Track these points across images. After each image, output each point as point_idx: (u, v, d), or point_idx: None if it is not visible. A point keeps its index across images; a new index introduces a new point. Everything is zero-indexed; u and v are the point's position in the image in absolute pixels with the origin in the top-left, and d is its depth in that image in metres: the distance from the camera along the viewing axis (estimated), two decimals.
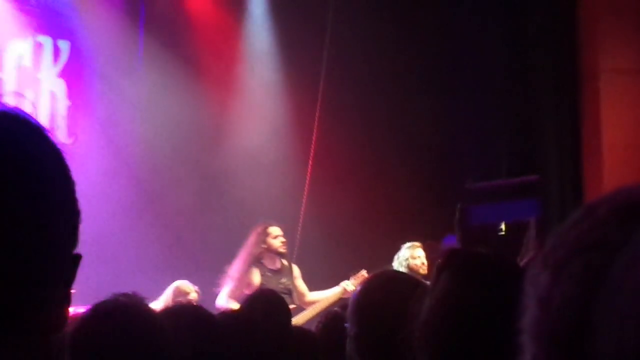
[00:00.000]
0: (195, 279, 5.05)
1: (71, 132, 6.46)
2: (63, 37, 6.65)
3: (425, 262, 5.68)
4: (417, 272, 5.51)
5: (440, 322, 0.92)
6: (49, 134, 0.71)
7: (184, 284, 5.26)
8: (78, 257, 0.71)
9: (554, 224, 5.42)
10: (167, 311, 2.57)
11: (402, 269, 5.38)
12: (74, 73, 6.65)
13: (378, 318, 1.33)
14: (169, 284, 4.83)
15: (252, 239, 5.40)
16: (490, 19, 6.77)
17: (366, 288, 1.62)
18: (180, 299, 4.98)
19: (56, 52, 6.63)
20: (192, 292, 5.18)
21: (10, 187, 0.66)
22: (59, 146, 0.70)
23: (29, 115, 0.70)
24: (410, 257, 5.69)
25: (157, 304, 4.37)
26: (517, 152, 6.60)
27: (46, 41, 6.59)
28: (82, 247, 0.69)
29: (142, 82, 6.64)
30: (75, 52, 6.68)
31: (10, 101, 0.71)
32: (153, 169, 6.32)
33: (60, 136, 6.00)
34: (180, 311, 2.34)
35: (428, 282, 1.70)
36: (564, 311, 0.34)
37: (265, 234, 5.45)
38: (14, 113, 0.70)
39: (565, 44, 6.23)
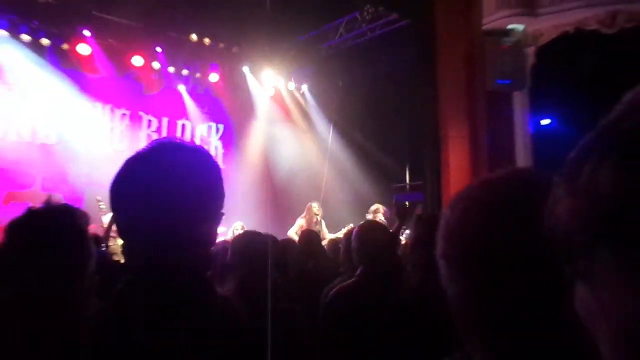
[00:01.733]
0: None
1: (223, 162, 11.93)
2: (220, 122, 12.22)
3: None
4: None
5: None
6: (216, 161, 1.21)
7: (239, 224, 8.54)
8: (222, 214, 1.19)
9: (429, 203, 10.90)
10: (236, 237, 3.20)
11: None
12: (226, 138, 12.21)
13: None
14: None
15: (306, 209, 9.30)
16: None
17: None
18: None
19: (217, 129, 12.24)
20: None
21: (214, 183, 1.16)
22: (219, 167, 1.19)
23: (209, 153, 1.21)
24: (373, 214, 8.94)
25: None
26: (414, 169, 11.19)
27: (212, 125, 12.16)
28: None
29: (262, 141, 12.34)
30: (226, 130, 12.34)
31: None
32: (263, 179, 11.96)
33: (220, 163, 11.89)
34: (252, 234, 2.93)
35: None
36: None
37: (311, 207, 9.17)
38: (206, 151, 1.19)
39: (434, 117, 10.21)
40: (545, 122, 11.71)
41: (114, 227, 6.32)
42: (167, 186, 1.09)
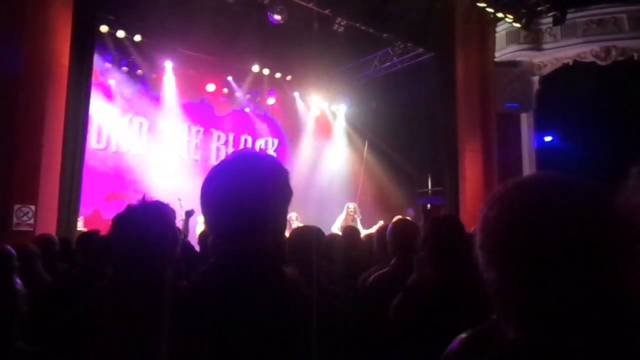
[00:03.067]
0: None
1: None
2: (275, 137, 12.39)
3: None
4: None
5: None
6: (284, 167, 1.18)
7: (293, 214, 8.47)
8: (287, 210, 1.20)
9: (447, 206, 10.76)
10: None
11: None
12: (280, 151, 12.26)
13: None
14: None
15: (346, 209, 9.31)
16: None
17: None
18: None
19: (273, 143, 12.35)
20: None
21: (281, 183, 1.16)
22: (287, 171, 1.19)
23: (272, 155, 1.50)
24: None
25: None
26: (435, 177, 11.24)
27: (269, 139, 12.31)
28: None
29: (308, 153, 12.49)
30: (280, 144, 12.42)
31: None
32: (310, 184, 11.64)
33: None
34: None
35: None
36: None
37: (349, 207, 9.20)
38: (277, 159, 1.22)
39: (452, 134, 10.07)
40: (547, 138, 11.45)
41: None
42: (245, 187, 1.11)
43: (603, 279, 0.70)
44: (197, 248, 4.54)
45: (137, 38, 9.23)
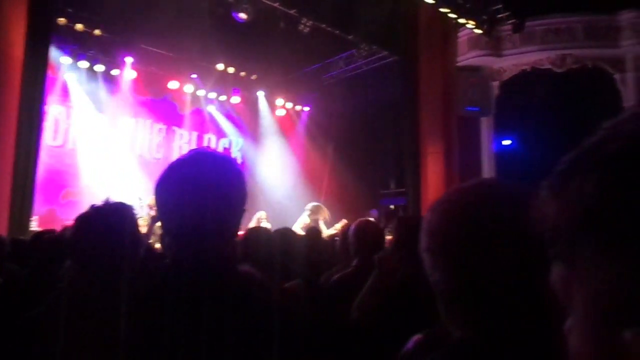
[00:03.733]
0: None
1: None
2: (239, 137, 12.22)
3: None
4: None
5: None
6: (241, 167, 1.48)
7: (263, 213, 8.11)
8: (244, 210, 1.14)
9: (409, 207, 10.93)
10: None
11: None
12: (244, 151, 12.47)
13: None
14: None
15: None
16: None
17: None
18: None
19: (237, 143, 12.21)
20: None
21: (238, 183, 1.14)
22: (243, 172, 1.18)
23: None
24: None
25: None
26: (397, 178, 11.33)
27: (233, 139, 12.12)
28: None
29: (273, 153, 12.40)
30: (244, 144, 12.43)
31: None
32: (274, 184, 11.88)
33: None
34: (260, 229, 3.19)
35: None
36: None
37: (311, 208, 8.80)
38: (234, 159, 1.30)
39: (415, 136, 10.20)
40: (506, 142, 11.77)
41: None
42: (201, 186, 1.09)
43: (530, 281, 0.72)
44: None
45: (97, 32, 8.96)
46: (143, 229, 7.77)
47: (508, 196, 0.82)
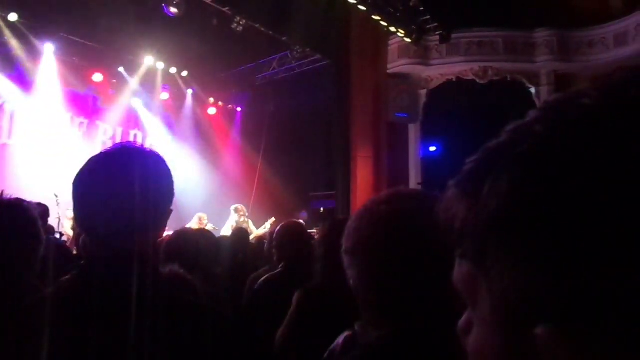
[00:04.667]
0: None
1: None
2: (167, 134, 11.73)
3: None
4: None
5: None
6: (168, 165, 1.13)
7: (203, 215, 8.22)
8: (171, 210, 1.12)
9: (338, 210, 11.10)
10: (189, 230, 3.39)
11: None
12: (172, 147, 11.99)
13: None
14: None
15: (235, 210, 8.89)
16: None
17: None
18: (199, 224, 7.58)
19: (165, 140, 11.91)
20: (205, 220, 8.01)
21: (165, 182, 1.10)
22: (170, 170, 1.13)
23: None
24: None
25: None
26: (328, 181, 11.34)
27: (161, 136, 11.48)
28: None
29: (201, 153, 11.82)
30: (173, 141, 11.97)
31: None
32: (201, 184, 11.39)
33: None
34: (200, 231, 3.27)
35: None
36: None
37: (237, 209, 8.68)
38: (161, 156, 1.14)
39: (346, 140, 10.53)
40: (432, 148, 12.24)
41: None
42: (123, 183, 1.03)
43: (436, 281, 0.74)
44: None
45: (13, 17, 8.36)
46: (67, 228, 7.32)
47: (418, 200, 0.88)
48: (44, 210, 5.22)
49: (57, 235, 6.67)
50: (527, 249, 0.34)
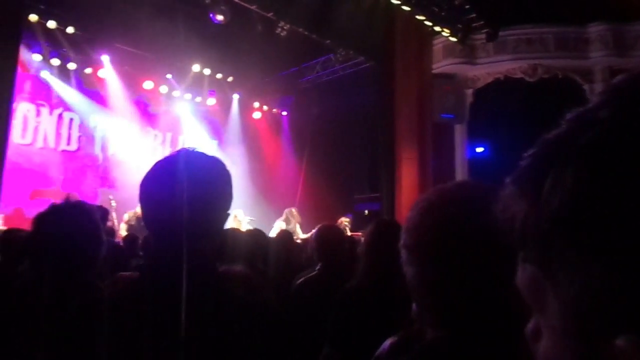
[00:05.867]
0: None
1: None
2: (214, 139, 12.11)
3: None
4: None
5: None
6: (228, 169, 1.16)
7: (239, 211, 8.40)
8: (228, 214, 1.16)
9: (384, 212, 11.02)
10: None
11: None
12: (219, 151, 12.17)
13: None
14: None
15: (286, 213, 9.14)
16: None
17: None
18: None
19: (212, 145, 12.28)
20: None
21: (224, 185, 1.14)
22: (230, 174, 1.16)
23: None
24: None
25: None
26: (372, 183, 11.35)
27: (208, 140, 11.92)
28: None
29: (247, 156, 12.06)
30: (219, 145, 12.46)
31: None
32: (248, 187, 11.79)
33: None
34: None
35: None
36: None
37: (287, 212, 9.11)
38: (221, 161, 1.17)
39: (390, 142, 10.44)
40: (479, 149, 11.97)
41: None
42: (186, 187, 1.07)
43: (500, 282, 0.71)
44: None
45: (70, 30, 8.83)
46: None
47: (484, 197, 0.79)
48: (104, 213, 5.56)
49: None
50: (603, 248, 0.30)
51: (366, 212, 11.46)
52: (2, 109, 5.98)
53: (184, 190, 1.07)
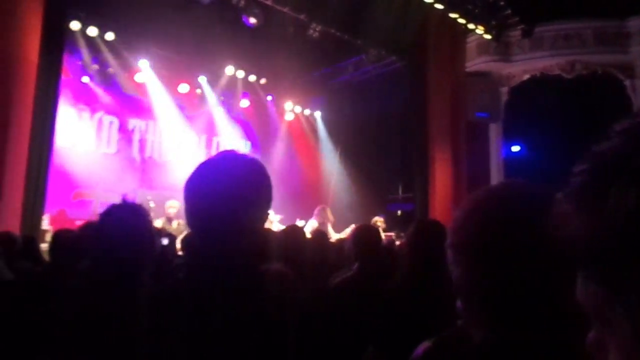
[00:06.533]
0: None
1: None
2: (248, 140, 12.40)
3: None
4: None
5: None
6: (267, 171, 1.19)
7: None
8: (268, 213, 1.23)
9: (418, 212, 10.93)
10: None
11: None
12: (252, 152, 12.10)
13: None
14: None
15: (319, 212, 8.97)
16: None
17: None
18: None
19: (245, 146, 12.30)
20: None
21: (264, 187, 1.18)
22: (269, 176, 1.20)
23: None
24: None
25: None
26: (405, 183, 11.26)
27: (242, 141, 12.13)
28: None
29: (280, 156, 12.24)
30: (253, 146, 12.28)
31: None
32: (281, 187, 11.84)
33: None
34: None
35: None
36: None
37: (324, 210, 8.98)
38: (261, 163, 1.22)
39: (423, 142, 10.29)
40: (515, 148, 11.73)
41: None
42: (227, 187, 1.11)
43: (551, 286, 0.73)
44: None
45: (110, 36, 9.13)
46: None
47: (533, 198, 0.81)
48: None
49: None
50: None
51: (399, 212, 11.40)
52: (48, 113, 6.24)
53: (226, 190, 1.12)
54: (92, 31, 8.87)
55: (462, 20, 9.35)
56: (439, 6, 8.91)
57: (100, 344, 1.42)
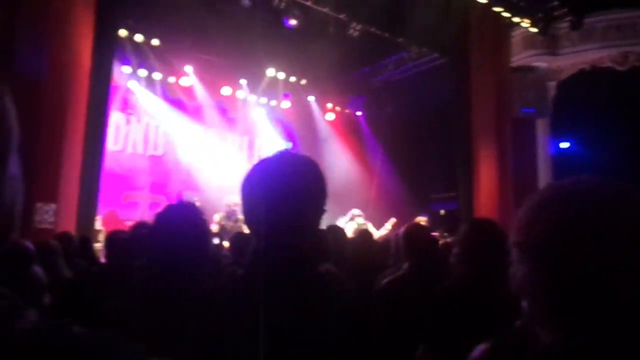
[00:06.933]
0: None
1: None
2: (289, 141, 12.69)
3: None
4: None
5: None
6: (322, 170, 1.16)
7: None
8: (324, 210, 1.18)
9: (461, 212, 10.75)
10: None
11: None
12: None
13: None
14: None
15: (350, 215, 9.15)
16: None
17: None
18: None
19: (286, 147, 12.52)
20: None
21: (319, 185, 1.18)
22: (324, 175, 1.17)
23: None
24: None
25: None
26: (449, 182, 10.91)
27: (283, 143, 12.54)
28: None
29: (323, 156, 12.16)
30: (294, 147, 12.39)
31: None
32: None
33: None
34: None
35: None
36: None
37: (353, 213, 9.01)
38: (316, 162, 1.22)
39: (467, 139, 10.14)
40: (564, 145, 11.31)
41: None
42: (283, 187, 1.12)
43: (620, 286, 0.71)
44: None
45: (155, 42, 9.40)
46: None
47: (600, 195, 0.79)
48: None
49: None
50: None
51: (442, 211, 11.23)
52: (100, 118, 6.49)
53: (283, 189, 1.12)
54: (139, 37, 9.15)
55: (506, 14, 9.12)
56: (481, 0, 8.72)
57: (170, 337, 1.45)
